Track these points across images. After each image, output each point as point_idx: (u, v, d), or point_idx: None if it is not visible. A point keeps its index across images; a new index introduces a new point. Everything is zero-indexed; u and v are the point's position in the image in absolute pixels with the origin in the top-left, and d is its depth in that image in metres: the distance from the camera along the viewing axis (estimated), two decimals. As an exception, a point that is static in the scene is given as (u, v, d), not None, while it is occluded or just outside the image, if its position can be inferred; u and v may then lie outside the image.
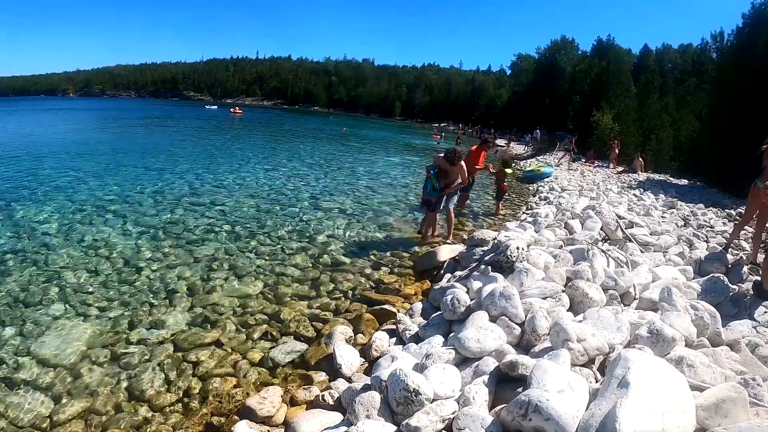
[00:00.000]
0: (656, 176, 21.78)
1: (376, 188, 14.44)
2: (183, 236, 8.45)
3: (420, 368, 3.39)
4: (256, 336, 5.14)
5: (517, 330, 3.75)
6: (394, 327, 4.85)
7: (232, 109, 76.53)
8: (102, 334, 5.11)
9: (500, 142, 44.29)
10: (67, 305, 5.77)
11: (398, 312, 5.25)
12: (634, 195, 14.21)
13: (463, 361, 3.49)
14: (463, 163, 8.44)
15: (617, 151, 25.93)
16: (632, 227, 7.60)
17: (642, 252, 6.58)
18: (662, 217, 10.42)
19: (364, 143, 34.22)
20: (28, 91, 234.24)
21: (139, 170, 15.25)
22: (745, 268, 6.24)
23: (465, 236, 9.05)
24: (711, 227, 9.85)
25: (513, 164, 22.34)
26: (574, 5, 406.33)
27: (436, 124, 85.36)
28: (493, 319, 3.91)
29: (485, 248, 6.39)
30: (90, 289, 6.18)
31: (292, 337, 5.12)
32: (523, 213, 12.09)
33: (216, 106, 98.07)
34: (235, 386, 4.25)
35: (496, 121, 69.62)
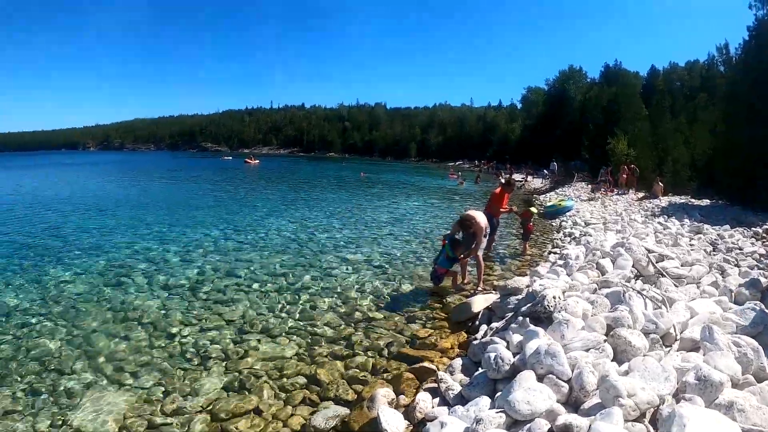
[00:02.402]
0: (677, 199, 21.59)
1: (401, 236, 14.47)
2: (212, 296, 8.50)
3: (471, 434, 3.38)
4: (295, 401, 5.08)
5: (565, 387, 3.74)
6: (435, 385, 4.82)
7: (246, 159, 77.23)
8: (138, 403, 5.12)
9: (517, 177, 44.25)
10: (100, 372, 5.79)
11: (438, 369, 5.23)
12: (659, 223, 14.09)
13: (514, 423, 3.48)
14: (481, 221, 8.52)
15: (625, 176, 25.91)
16: (663, 260, 7.57)
17: (676, 286, 6.55)
18: (690, 244, 10.36)
19: (383, 188, 34.29)
20: (49, 145, 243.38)
21: (162, 227, 15.57)
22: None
23: (495, 282, 9.05)
24: (740, 249, 9.79)
25: (534, 199, 22.21)
26: (578, 34, 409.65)
27: (452, 163, 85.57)
28: (539, 378, 3.90)
29: (519, 297, 6.39)
30: (122, 356, 6.21)
31: (332, 401, 5.06)
32: (550, 251, 12.09)
33: (231, 157, 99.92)
34: (278, 457, 4.24)
35: (511, 156, 69.34)
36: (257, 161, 76.96)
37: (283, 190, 31.40)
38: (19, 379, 5.66)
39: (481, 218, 8.58)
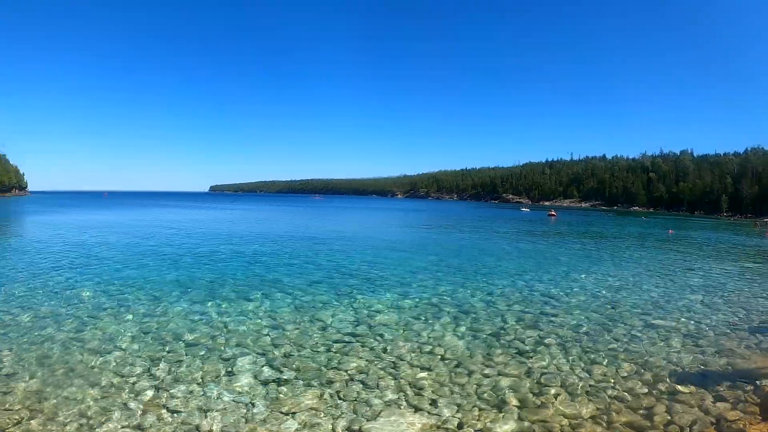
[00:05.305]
0: None
1: (715, 305, 13.29)
2: (514, 345, 9.00)
3: None
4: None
5: None
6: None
7: (550, 213, 79.74)
8: (431, 429, 5.76)
9: None
10: (401, 393, 6.71)
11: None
12: None
13: None
14: None
15: None
16: None
17: None
18: None
19: (692, 248, 31.11)
20: (361, 191, 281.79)
21: (467, 272, 17.09)
22: None
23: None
24: None
25: None
26: None
27: (767, 219, 74.85)
28: None
29: None
30: (423, 384, 7.08)
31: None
32: None
33: (528, 209, 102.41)
34: None
35: None
36: (555, 213, 79.20)
37: (584, 245, 30.83)
38: (326, 383, 7.02)
39: None
